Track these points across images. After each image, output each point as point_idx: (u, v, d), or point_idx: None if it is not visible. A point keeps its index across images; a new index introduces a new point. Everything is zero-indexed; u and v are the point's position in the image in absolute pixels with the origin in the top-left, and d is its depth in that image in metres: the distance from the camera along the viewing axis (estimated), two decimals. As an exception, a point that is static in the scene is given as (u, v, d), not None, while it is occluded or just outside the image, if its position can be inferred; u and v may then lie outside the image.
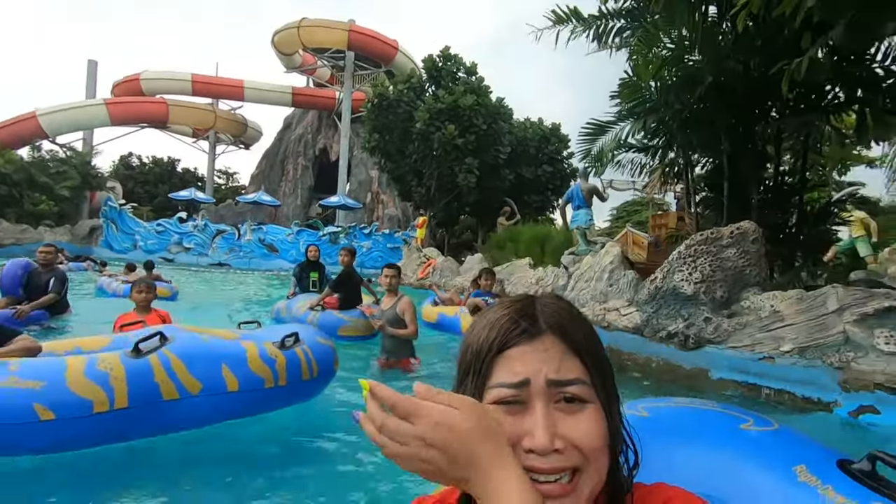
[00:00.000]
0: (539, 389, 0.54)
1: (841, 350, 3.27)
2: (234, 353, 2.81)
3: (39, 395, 2.24)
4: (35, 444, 2.29)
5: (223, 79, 31.99)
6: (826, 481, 0.79)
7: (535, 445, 0.53)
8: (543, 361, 0.55)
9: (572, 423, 0.54)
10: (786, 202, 6.00)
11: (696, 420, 0.95)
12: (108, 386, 2.37)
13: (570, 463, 0.53)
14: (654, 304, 4.63)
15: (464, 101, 16.07)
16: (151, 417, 2.50)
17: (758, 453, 0.88)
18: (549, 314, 0.59)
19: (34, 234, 22.37)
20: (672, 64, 5.85)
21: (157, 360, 2.54)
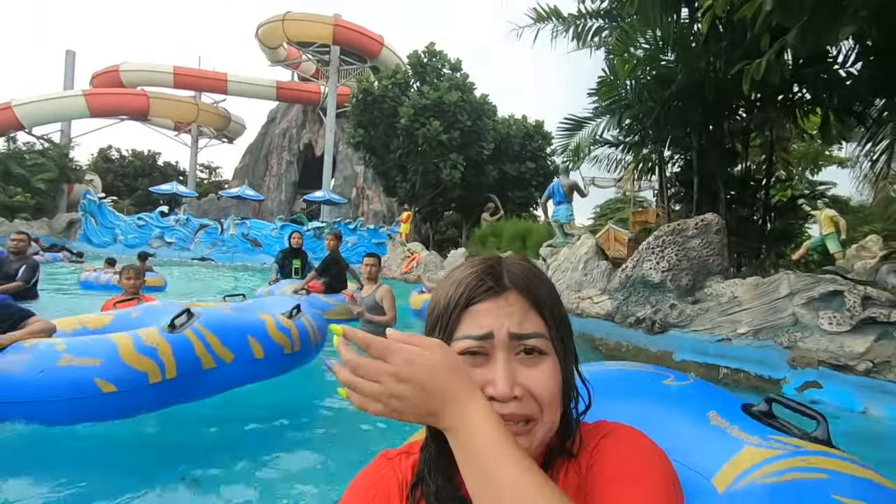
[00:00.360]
0: (501, 341, 0.58)
1: (790, 331, 3.53)
2: (256, 324, 3.17)
3: (99, 371, 2.48)
4: (99, 415, 2.54)
5: (206, 72, 31.63)
6: (733, 423, 0.94)
7: (497, 393, 0.56)
8: (506, 316, 0.59)
9: (531, 373, 0.58)
10: (752, 197, 6.31)
11: (625, 379, 1.11)
12: (159, 359, 2.63)
13: (527, 410, 0.57)
14: (625, 291, 4.87)
15: (448, 97, 16.24)
16: (195, 385, 2.79)
17: (677, 404, 1.02)
18: (513, 273, 0.63)
19: (10, 226, 21.90)
20: (646, 63, 6.10)
21: (192, 334, 2.82)
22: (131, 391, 2.55)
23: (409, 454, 0.69)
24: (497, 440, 0.49)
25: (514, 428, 0.56)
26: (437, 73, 17.71)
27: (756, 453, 0.84)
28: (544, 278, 0.65)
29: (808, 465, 0.78)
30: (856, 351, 3.13)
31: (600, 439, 0.62)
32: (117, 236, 23.54)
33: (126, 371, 2.54)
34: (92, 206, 23.19)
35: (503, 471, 0.47)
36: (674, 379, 1.10)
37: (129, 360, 2.57)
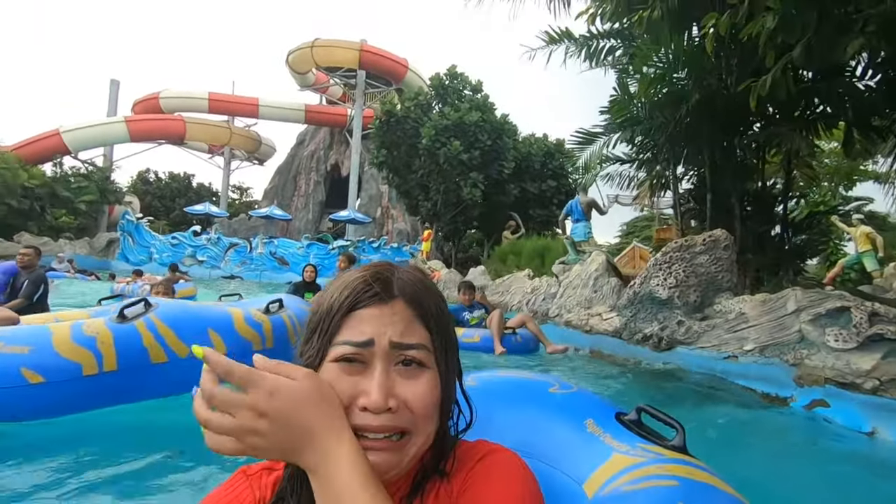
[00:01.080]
0: (382, 350, 0.56)
1: (796, 348, 3.47)
2: (220, 317, 2.87)
3: (27, 360, 2.28)
4: (27, 408, 2.32)
5: (239, 97, 33.01)
6: (606, 430, 1.01)
7: (370, 403, 0.53)
8: (390, 324, 0.57)
9: (409, 385, 0.56)
10: (769, 213, 6.20)
11: (514, 386, 1.16)
12: (96, 350, 2.40)
13: (401, 423, 0.55)
14: (633, 308, 4.85)
15: (469, 117, 16.51)
16: (141, 381, 2.53)
17: (558, 411, 1.07)
18: (403, 281, 0.61)
19: (54, 246, 23.11)
20: (658, 82, 6.14)
21: (143, 324, 2.59)
22: (62, 383, 2.33)
23: (271, 470, 0.64)
24: (360, 485, 0.46)
25: (386, 443, 0.54)
26: (458, 95, 18.06)
27: (623, 460, 0.91)
28: (434, 290, 0.64)
29: (663, 473, 0.85)
30: (862, 368, 3.06)
31: (476, 462, 0.60)
32: (152, 255, 24.51)
33: (56, 361, 2.33)
34: (130, 225, 24.29)
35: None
36: (559, 387, 1.15)
37: (62, 350, 2.36)
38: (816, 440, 3.06)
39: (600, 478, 0.90)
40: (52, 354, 2.33)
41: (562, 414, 1.06)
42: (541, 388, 1.14)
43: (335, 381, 0.55)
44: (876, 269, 9.82)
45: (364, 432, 0.54)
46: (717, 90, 5.78)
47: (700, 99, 5.71)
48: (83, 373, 2.36)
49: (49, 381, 2.29)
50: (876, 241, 10.08)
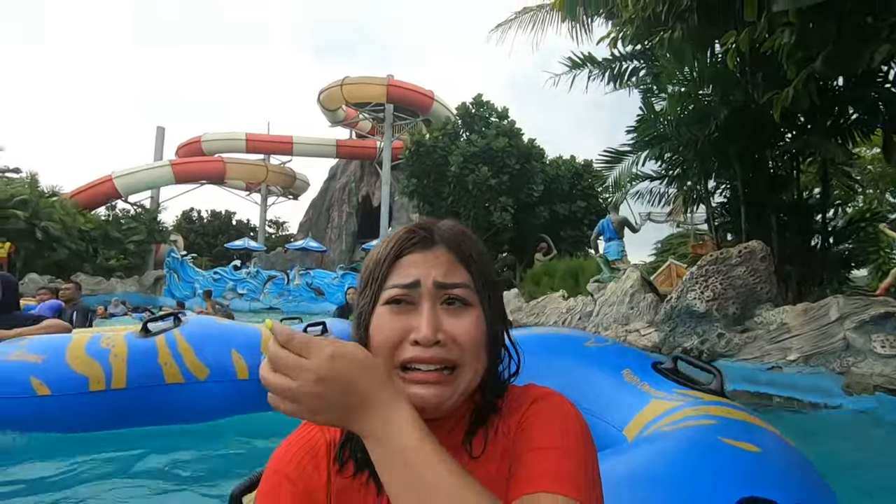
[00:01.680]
0: (427, 290, 0.60)
1: (842, 356, 3.44)
2: (247, 338, 2.60)
3: (38, 369, 2.16)
4: (32, 420, 2.18)
5: (274, 136, 34.58)
6: (643, 379, 1.07)
7: (420, 336, 0.57)
8: (433, 266, 0.61)
9: (455, 321, 0.60)
10: (807, 222, 6.12)
11: (552, 341, 1.21)
12: (107, 363, 2.23)
13: (450, 356, 0.58)
14: (671, 322, 4.86)
15: (496, 143, 16.83)
16: (152, 402, 2.32)
17: (596, 363, 1.12)
18: (443, 230, 0.65)
19: (107, 285, 24.48)
20: (684, 100, 6.24)
21: (163, 341, 2.40)
22: (66, 397, 2.16)
23: None
24: (419, 445, 0.48)
25: (437, 375, 0.58)
26: (485, 122, 18.46)
27: (660, 405, 0.97)
28: (475, 239, 0.67)
29: (702, 413, 0.90)
30: (912, 374, 3.02)
31: (531, 404, 0.62)
32: (196, 289, 25.56)
33: (64, 372, 2.17)
34: (175, 263, 25.51)
35: (432, 473, 0.46)
36: (594, 341, 1.20)
37: (72, 361, 2.20)
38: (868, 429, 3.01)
39: (640, 422, 0.96)
40: (62, 365, 2.17)
41: (599, 365, 1.12)
42: (577, 342, 1.20)
43: (387, 321, 0.60)
44: (929, 277, 9.39)
45: (416, 364, 0.58)
46: (745, 104, 5.83)
47: (728, 114, 5.78)
48: (89, 387, 2.18)
49: (54, 394, 2.13)
50: (932, 248, 9.65)
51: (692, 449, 0.85)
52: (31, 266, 23.38)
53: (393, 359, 0.59)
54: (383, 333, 0.59)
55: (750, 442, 0.82)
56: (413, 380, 0.58)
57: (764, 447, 0.87)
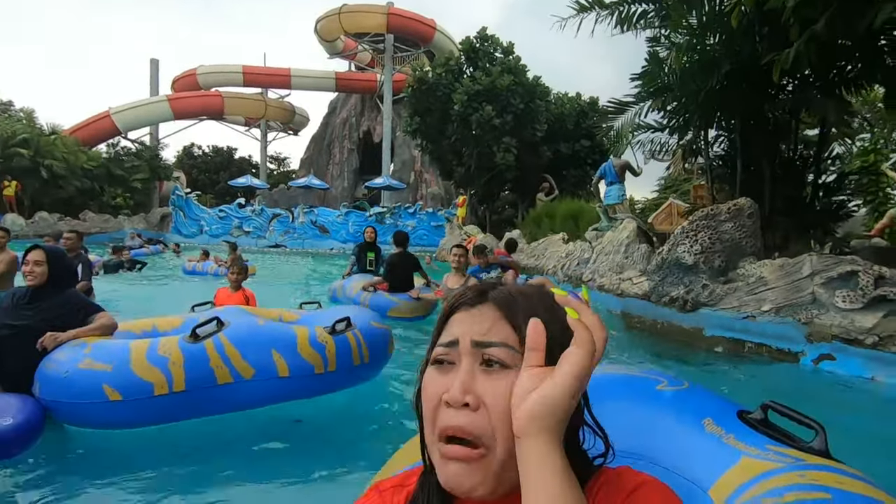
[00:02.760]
0: (465, 348, 0.56)
1: (808, 308, 3.84)
2: (285, 338, 2.88)
3: (109, 378, 2.46)
4: (105, 422, 2.53)
5: (271, 69, 33.53)
6: (728, 431, 0.92)
7: (450, 396, 0.53)
8: (474, 324, 0.57)
9: (490, 384, 0.54)
10: (800, 176, 6.34)
11: (619, 383, 1.09)
12: (167, 371, 2.53)
13: (478, 426, 0.53)
14: (661, 272, 5.25)
15: (500, 81, 16.52)
16: (208, 400, 2.66)
17: (672, 410, 0.99)
18: (500, 289, 0.61)
19: (115, 222, 24.91)
20: (689, 50, 6.23)
21: (212, 345, 2.68)
22: (135, 401, 2.48)
23: (402, 486, 0.65)
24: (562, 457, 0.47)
25: (464, 450, 0.53)
26: (490, 58, 17.97)
27: (754, 465, 0.85)
28: (537, 296, 0.60)
29: (809, 483, 0.77)
30: (865, 326, 3.43)
31: (628, 495, 0.54)
32: (203, 227, 25.93)
33: (132, 380, 2.48)
34: (180, 200, 25.69)
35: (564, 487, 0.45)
36: (667, 384, 1.06)
37: (137, 369, 2.51)
38: (823, 386, 3.50)
39: (730, 484, 0.85)
40: (129, 373, 2.48)
41: (676, 413, 1.00)
42: (648, 385, 1.09)
43: (430, 382, 0.57)
44: (926, 218, 9.66)
45: (445, 433, 0.54)
46: (749, 56, 5.85)
47: (732, 66, 5.81)
48: (154, 392, 2.49)
49: (125, 399, 2.45)
50: (928, 189, 9.84)
51: None
52: (39, 204, 23.67)
53: (432, 426, 0.56)
54: (426, 394, 0.57)
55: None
56: (446, 454, 0.54)
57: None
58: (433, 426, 0.56)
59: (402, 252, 6.34)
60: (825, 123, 6.41)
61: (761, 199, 6.17)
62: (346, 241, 24.47)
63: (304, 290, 9.83)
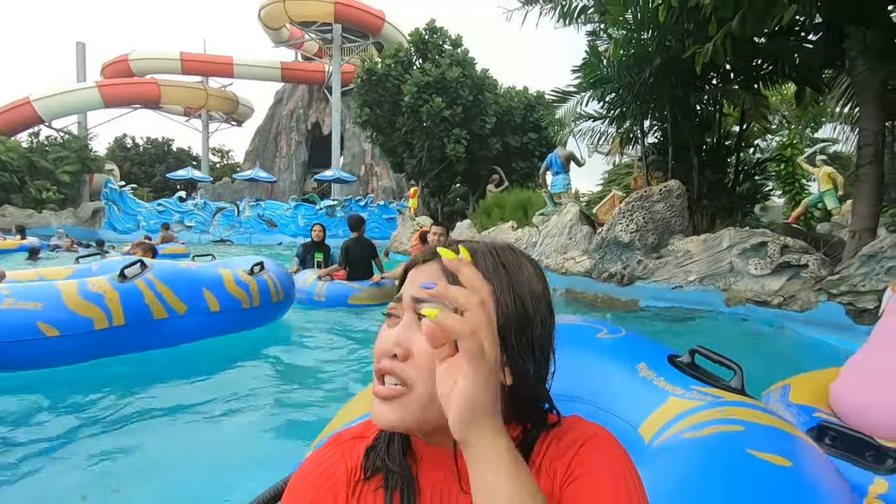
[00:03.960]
0: (406, 303, 0.57)
1: (726, 276, 4.30)
2: (212, 278, 3.14)
3: (41, 315, 2.48)
4: (43, 359, 2.55)
5: (212, 56, 32.08)
6: (660, 374, 1.01)
7: (379, 347, 0.56)
8: (418, 281, 0.57)
9: (419, 336, 0.54)
10: (723, 162, 6.94)
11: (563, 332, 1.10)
12: (105, 306, 2.63)
13: (402, 371, 0.54)
14: (601, 251, 5.64)
15: (450, 73, 16.71)
16: (146, 334, 2.79)
17: (609, 356, 1.07)
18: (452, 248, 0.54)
19: (40, 218, 23.17)
20: (625, 44, 6.67)
21: (143, 284, 2.82)
22: (75, 336, 2.55)
23: (362, 438, 0.66)
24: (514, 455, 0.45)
25: (387, 389, 0.55)
26: (439, 50, 18.11)
27: (679, 404, 0.94)
28: (490, 254, 0.60)
29: (725, 417, 0.86)
30: (773, 289, 3.89)
31: (579, 447, 0.56)
32: (140, 222, 24.56)
33: (69, 316, 2.53)
34: (114, 194, 24.18)
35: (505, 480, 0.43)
36: (606, 332, 1.14)
37: (73, 306, 2.56)
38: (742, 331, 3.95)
39: (657, 421, 0.92)
40: (64, 310, 2.53)
41: (612, 358, 1.07)
42: (588, 333, 1.16)
43: (380, 335, 0.58)
44: (836, 206, 10.70)
45: (377, 374, 0.56)
46: (677, 51, 6.35)
47: (662, 60, 6.29)
48: (94, 327, 2.59)
49: (63, 335, 2.51)
50: (837, 180, 10.88)
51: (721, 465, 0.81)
52: (-50, 198, 21.68)
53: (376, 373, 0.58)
54: (376, 346, 0.58)
55: (781, 454, 0.82)
56: (375, 393, 0.56)
57: (795, 460, 0.83)
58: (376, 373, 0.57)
59: (359, 237, 6.00)
60: (744, 116, 7.06)
61: (690, 184, 6.73)
62: (296, 235, 23.96)
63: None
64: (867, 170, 5.16)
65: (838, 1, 4.92)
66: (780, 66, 6.15)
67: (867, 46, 4.86)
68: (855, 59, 5.20)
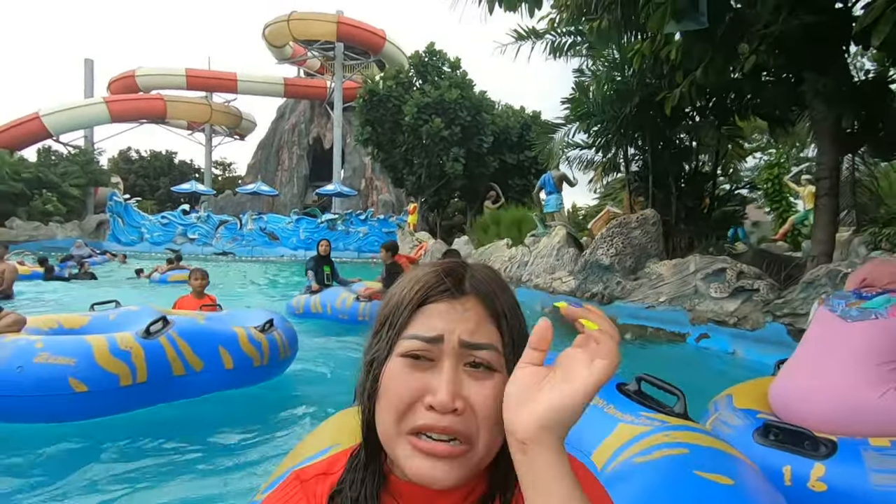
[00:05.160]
0: (451, 348, 0.53)
1: (692, 298, 4.84)
2: (229, 336, 3.27)
3: (74, 371, 2.58)
4: (71, 413, 2.65)
5: (217, 72, 32.89)
6: (609, 401, 1.06)
7: (436, 402, 0.51)
8: (460, 321, 0.54)
9: (476, 388, 0.53)
10: (699, 190, 7.53)
11: None
12: (131, 363, 2.74)
13: (465, 428, 0.52)
14: (584, 272, 6.17)
15: (449, 95, 17.44)
16: (164, 390, 2.93)
17: None
18: (476, 279, 0.58)
19: (46, 230, 23.66)
20: (608, 81, 7.28)
21: (166, 340, 2.94)
22: (102, 392, 2.64)
23: (326, 475, 0.61)
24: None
25: (448, 448, 0.51)
26: (438, 72, 18.86)
27: (629, 430, 0.98)
28: (507, 288, 0.60)
29: (672, 441, 0.90)
30: (729, 310, 4.43)
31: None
32: (143, 235, 25.05)
33: (99, 372, 2.63)
34: (118, 206, 24.72)
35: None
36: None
37: (103, 362, 2.65)
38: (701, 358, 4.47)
39: (608, 448, 0.96)
40: (95, 366, 2.64)
41: None
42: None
43: (401, 376, 0.54)
44: (818, 225, 11.28)
45: (427, 433, 0.52)
46: (655, 89, 6.96)
47: (641, 97, 6.89)
48: (120, 384, 2.69)
49: (91, 391, 2.61)
50: (819, 199, 11.43)
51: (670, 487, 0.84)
52: (-41, 211, 22.17)
53: (402, 421, 0.53)
54: (396, 391, 0.53)
55: (724, 474, 0.87)
56: (422, 449, 0.52)
57: (737, 479, 0.88)
58: (402, 422, 0.53)
59: (396, 261, 6.30)
60: (719, 147, 7.66)
61: (668, 210, 7.29)
62: (297, 248, 24.46)
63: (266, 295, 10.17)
64: (824, 201, 5.73)
65: (794, 50, 5.52)
66: (750, 102, 6.75)
67: (819, 92, 5.45)
68: (811, 100, 5.80)
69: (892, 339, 1.84)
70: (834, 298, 2.06)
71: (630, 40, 7.30)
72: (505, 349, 0.56)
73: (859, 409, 1.75)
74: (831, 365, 1.88)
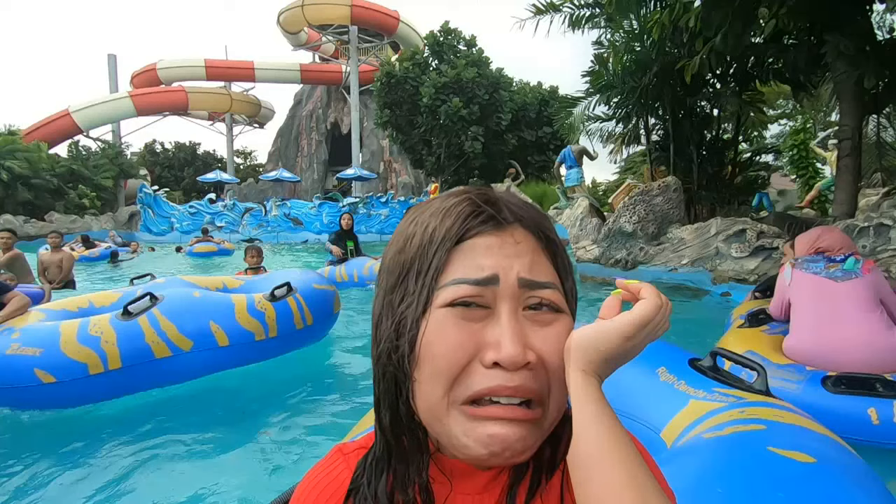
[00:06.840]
0: (509, 290, 0.43)
1: (713, 259, 5.04)
2: (222, 308, 2.88)
3: (39, 362, 2.43)
4: (41, 404, 2.55)
5: (234, 62, 33.33)
6: (680, 378, 1.03)
7: (504, 358, 0.40)
8: (515, 256, 0.44)
9: (543, 334, 0.43)
10: (721, 156, 7.61)
11: None
12: (101, 350, 2.51)
13: (538, 384, 0.42)
14: (608, 240, 6.40)
15: (466, 74, 17.48)
16: (146, 375, 2.66)
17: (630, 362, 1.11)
18: (514, 205, 0.47)
19: (82, 222, 24.67)
20: (628, 52, 7.36)
21: (146, 321, 2.66)
22: (71, 382, 2.47)
23: (365, 448, 0.54)
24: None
25: (522, 411, 0.41)
26: (454, 51, 18.87)
27: (700, 406, 0.95)
28: (548, 216, 0.52)
29: (747, 417, 0.87)
30: (749, 268, 4.64)
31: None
32: (173, 224, 25.90)
33: (65, 362, 2.46)
34: (148, 198, 25.54)
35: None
36: None
37: (69, 351, 2.48)
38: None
39: (678, 425, 0.93)
40: (60, 355, 2.46)
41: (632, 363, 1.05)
42: None
43: (450, 331, 0.42)
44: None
45: (495, 396, 0.41)
46: (675, 58, 7.02)
47: (661, 66, 6.97)
48: (89, 372, 2.48)
49: (59, 381, 2.45)
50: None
51: (740, 463, 0.79)
52: (2, 207, 23.22)
53: (454, 388, 0.42)
54: (444, 351, 0.42)
55: (803, 451, 0.81)
56: (491, 416, 0.41)
57: (819, 456, 0.81)
58: (455, 390, 0.42)
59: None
60: (740, 114, 7.69)
61: (690, 177, 7.41)
62: (321, 232, 24.95)
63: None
64: (846, 161, 5.82)
65: (815, 12, 5.56)
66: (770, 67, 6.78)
67: (841, 52, 5.49)
68: (833, 62, 5.84)
69: (874, 290, 2.18)
70: (808, 262, 2.34)
71: (649, 10, 7.37)
72: (565, 286, 0.47)
73: (885, 348, 2.03)
74: (846, 318, 2.15)
